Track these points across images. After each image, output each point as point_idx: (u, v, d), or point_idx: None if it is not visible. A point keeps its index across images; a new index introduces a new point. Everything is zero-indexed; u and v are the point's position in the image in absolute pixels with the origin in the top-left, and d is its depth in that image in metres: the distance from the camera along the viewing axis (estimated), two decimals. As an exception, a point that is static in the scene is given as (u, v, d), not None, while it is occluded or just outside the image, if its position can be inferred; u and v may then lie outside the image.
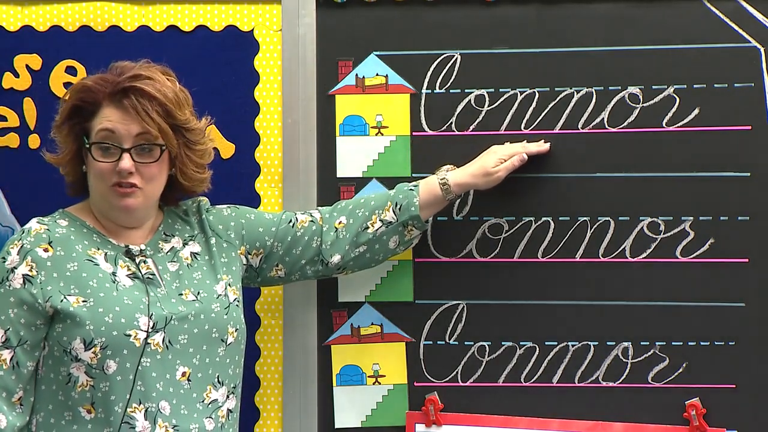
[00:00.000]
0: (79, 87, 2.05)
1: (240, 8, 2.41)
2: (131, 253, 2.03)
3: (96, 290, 1.95)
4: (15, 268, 1.94)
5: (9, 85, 2.42)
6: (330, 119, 2.39)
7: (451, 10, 2.37)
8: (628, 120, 2.33)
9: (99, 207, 2.05)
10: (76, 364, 1.93)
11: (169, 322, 1.98)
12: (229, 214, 2.21)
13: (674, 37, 2.32)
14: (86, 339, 1.92)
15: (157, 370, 1.96)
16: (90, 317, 1.92)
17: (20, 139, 2.42)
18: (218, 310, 2.05)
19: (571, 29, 2.35)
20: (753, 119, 2.30)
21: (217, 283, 2.09)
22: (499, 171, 2.24)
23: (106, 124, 2.00)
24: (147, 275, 2.01)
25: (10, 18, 2.43)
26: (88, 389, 1.93)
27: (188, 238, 2.12)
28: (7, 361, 1.92)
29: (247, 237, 2.19)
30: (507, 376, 2.35)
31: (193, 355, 2.01)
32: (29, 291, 1.93)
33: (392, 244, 2.24)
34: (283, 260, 2.21)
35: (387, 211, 2.22)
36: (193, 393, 2.00)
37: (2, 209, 2.44)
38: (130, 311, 1.95)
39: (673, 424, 2.30)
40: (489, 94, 2.37)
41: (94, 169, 2.01)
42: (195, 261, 2.10)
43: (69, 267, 1.96)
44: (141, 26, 2.42)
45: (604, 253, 2.32)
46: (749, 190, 2.30)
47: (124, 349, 1.93)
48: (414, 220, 2.22)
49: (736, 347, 2.29)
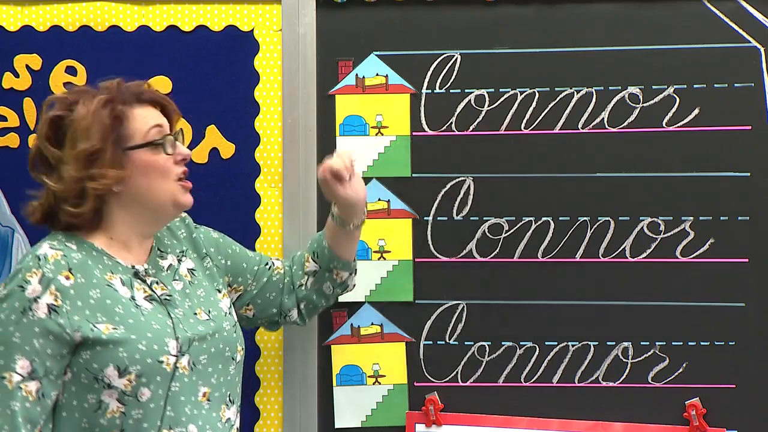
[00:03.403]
0: (100, 102, 1.94)
1: (240, 8, 2.41)
2: (140, 275, 1.97)
3: (124, 317, 1.89)
4: (38, 297, 1.85)
5: (9, 85, 2.42)
6: (330, 119, 2.40)
7: (451, 10, 2.37)
8: (628, 120, 2.33)
9: (155, 212, 1.98)
10: (108, 391, 1.86)
11: (192, 343, 1.94)
12: (218, 239, 2.18)
13: (674, 37, 2.32)
14: (120, 366, 1.85)
15: (185, 394, 1.92)
16: (123, 344, 1.86)
17: (20, 139, 2.42)
18: (229, 328, 2.03)
19: (571, 29, 2.35)
20: (753, 119, 2.30)
21: (220, 301, 2.07)
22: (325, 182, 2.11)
23: (152, 121, 1.97)
24: (164, 296, 1.97)
25: (10, 18, 2.43)
26: (118, 416, 1.87)
27: (180, 254, 2.08)
28: (33, 393, 1.84)
29: (231, 269, 2.17)
30: (507, 376, 2.35)
31: (211, 375, 1.97)
32: (56, 321, 1.85)
33: (327, 290, 2.23)
34: (255, 302, 2.20)
35: (308, 262, 2.22)
36: (213, 413, 1.96)
37: (2, 209, 2.44)
38: (160, 336, 1.90)
39: (673, 424, 2.30)
40: (489, 94, 2.37)
41: (161, 168, 1.96)
42: (194, 277, 2.07)
43: (92, 294, 1.89)
44: (141, 26, 2.42)
45: (604, 253, 2.32)
46: (749, 190, 2.30)
47: (157, 375, 1.88)
48: (333, 261, 2.19)
49: (736, 347, 2.29)
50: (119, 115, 1.94)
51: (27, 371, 1.84)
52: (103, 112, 1.92)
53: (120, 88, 1.98)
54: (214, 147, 2.40)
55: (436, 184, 2.37)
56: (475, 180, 2.36)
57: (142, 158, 1.95)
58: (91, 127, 1.91)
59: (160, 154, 1.96)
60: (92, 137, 1.91)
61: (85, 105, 1.93)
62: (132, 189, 1.95)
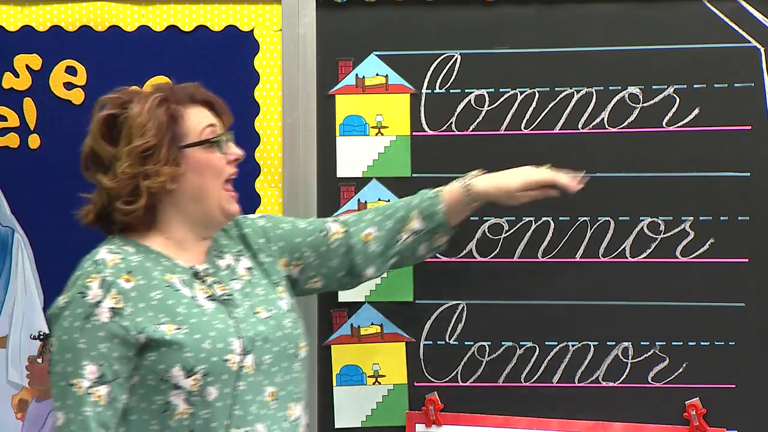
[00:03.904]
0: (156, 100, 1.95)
1: (240, 8, 2.41)
2: (199, 275, 1.97)
3: (187, 316, 1.89)
4: (100, 302, 1.86)
5: (9, 85, 2.42)
6: (330, 119, 2.40)
7: (451, 10, 2.37)
8: (628, 120, 2.33)
9: (204, 215, 1.99)
10: (175, 392, 1.86)
11: (255, 342, 1.93)
12: (265, 225, 2.15)
13: (674, 37, 2.32)
14: (186, 366, 1.85)
15: (251, 393, 1.91)
16: (188, 344, 1.86)
17: (20, 139, 2.42)
18: (290, 326, 2.01)
19: (571, 29, 2.35)
20: (753, 119, 2.30)
21: (279, 299, 2.05)
22: (522, 198, 2.17)
23: (206, 120, 1.99)
24: (224, 296, 1.96)
25: (10, 18, 2.43)
26: (186, 417, 1.86)
27: (237, 254, 2.07)
28: (103, 397, 1.84)
29: (286, 248, 2.14)
30: (507, 376, 2.35)
31: (276, 374, 1.96)
32: (119, 324, 1.85)
33: (422, 251, 2.20)
34: (320, 271, 2.16)
35: (414, 220, 2.17)
36: (279, 412, 1.95)
37: (2, 209, 2.45)
38: (224, 335, 1.89)
39: (673, 424, 2.30)
40: (489, 94, 2.37)
41: (214, 167, 1.97)
42: (252, 276, 2.05)
43: (153, 295, 1.89)
44: (141, 26, 2.42)
45: (604, 253, 2.32)
46: (749, 190, 2.30)
47: (223, 374, 1.87)
48: (441, 227, 2.18)
49: (736, 347, 2.29)
50: (174, 114, 1.96)
51: (96, 376, 1.84)
52: (159, 110, 1.94)
53: (173, 88, 2.00)
54: (214, 147, 2.40)
55: (436, 184, 2.35)
56: (475, 180, 2.36)
57: (196, 156, 1.96)
58: (147, 123, 1.93)
59: (214, 153, 1.98)
60: (147, 134, 1.92)
61: (139, 103, 1.95)
62: (185, 188, 1.96)
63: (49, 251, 2.44)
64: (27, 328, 2.47)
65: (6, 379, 2.47)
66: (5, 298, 2.47)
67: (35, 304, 2.46)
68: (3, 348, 2.47)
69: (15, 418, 2.47)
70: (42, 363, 2.47)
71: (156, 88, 2.00)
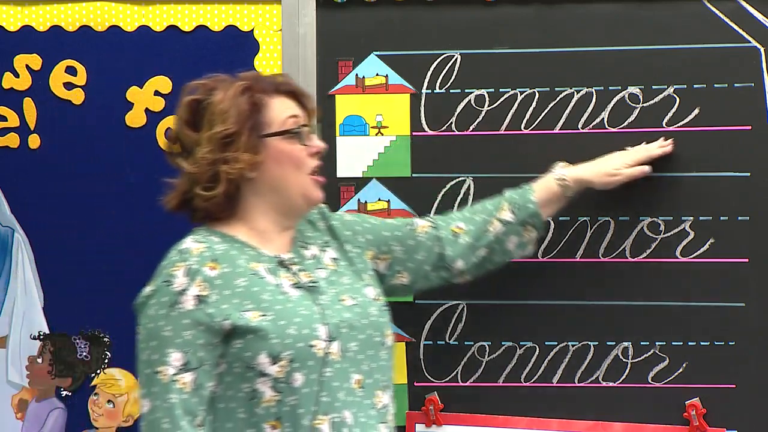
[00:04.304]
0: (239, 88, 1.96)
1: (240, 8, 2.41)
2: (285, 263, 1.97)
3: (272, 303, 1.90)
4: (185, 289, 1.87)
5: (9, 85, 2.42)
6: (330, 119, 2.39)
7: (451, 10, 2.37)
8: (628, 120, 2.33)
9: (288, 204, 1.99)
10: (261, 379, 1.86)
11: (341, 329, 1.92)
12: (354, 219, 2.16)
13: (674, 37, 2.32)
14: (272, 353, 1.86)
15: (338, 380, 1.90)
16: (274, 330, 1.86)
17: (20, 139, 2.42)
18: (376, 313, 2.00)
19: (571, 29, 2.35)
20: (753, 119, 2.30)
21: (365, 287, 2.05)
22: (621, 175, 2.22)
23: (289, 111, 1.99)
24: (309, 283, 1.97)
25: (10, 18, 2.43)
26: (273, 404, 1.86)
27: (323, 245, 2.07)
28: (188, 384, 1.85)
29: (374, 241, 2.14)
30: (507, 376, 2.35)
31: (362, 361, 1.95)
32: (204, 311, 1.86)
33: (511, 245, 2.19)
34: (406, 266, 2.16)
35: (504, 211, 2.18)
36: (366, 400, 1.94)
37: (2, 209, 2.45)
38: (309, 321, 1.89)
39: (673, 424, 2.30)
40: (489, 94, 2.37)
41: (295, 159, 1.97)
42: (338, 266, 2.05)
43: (238, 283, 1.90)
44: (141, 26, 2.42)
45: (604, 253, 2.32)
46: (749, 190, 2.30)
47: (309, 360, 1.87)
48: (533, 217, 2.17)
49: (736, 347, 2.29)
50: (257, 102, 1.96)
51: (181, 363, 1.86)
52: (242, 98, 1.95)
53: (259, 77, 2.02)
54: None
55: (436, 184, 2.37)
56: (475, 180, 2.36)
57: (277, 146, 1.97)
58: (229, 110, 1.94)
59: (295, 145, 1.98)
60: (228, 120, 1.94)
61: (223, 90, 1.97)
62: (266, 177, 1.97)
63: (49, 251, 2.45)
64: (27, 328, 2.47)
65: (6, 379, 2.48)
66: (5, 298, 2.47)
67: (35, 304, 2.46)
68: (3, 348, 2.47)
69: (15, 418, 2.47)
70: (42, 363, 2.47)
71: (241, 77, 2.00)
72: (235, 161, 1.93)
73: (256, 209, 1.99)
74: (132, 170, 2.42)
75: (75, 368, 2.46)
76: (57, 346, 2.46)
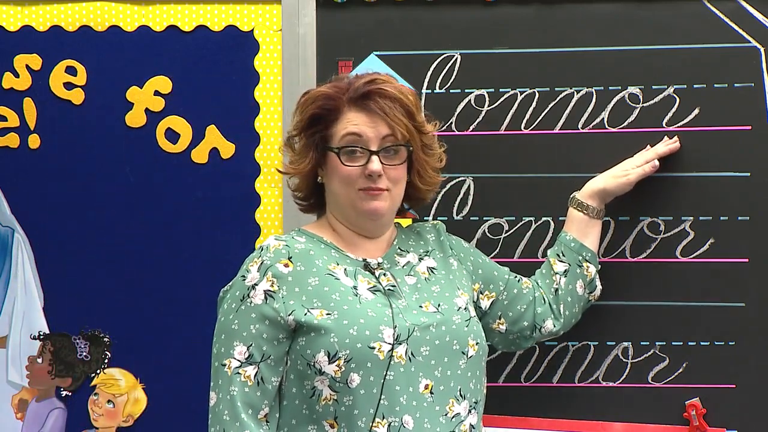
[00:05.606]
0: (315, 95, 2.01)
1: (240, 8, 2.41)
2: (369, 267, 1.99)
3: (339, 303, 1.91)
4: (256, 284, 1.92)
5: (9, 85, 2.42)
6: (330, 119, 2.39)
7: (451, 10, 2.37)
8: (628, 120, 2.33)
9: (344, 214, 2.02)
10: (320, 377, 1.88)
11: (412, 333, 1.92)
12: (468, 248, 2.19)
13: (674, 37, 2.32)
14: (330, 351, 1.87)
15: (401, 384, 1.90)
16: (334, 329, 1.88)
17: (20, 139, 2.42)
18: (459, 322, 1.99)
19: (571, 29, 2.35)
20: (753, 119, 2.30)
21: (456, 297, 2.04)
22: (631, 174, 2.23)
23: (351, 128, 1.98)
24: (388, 287, 1.98)
25: (10, 18, 2.43)
26: (331, 403, 1.89)
27: (423, 254, 2.08)
28: (251, 377, 1.89)
29: (483, 276, 2.15)
30: (507, 376, 2.35)
31: (435, 367, 1.94)
32: (271, 306, 1.90)
33: (580, 290, 2.22)
34: (506, 314, 2.17)
35: (555, 264, 2.23)
36: (436, 406, 1.93)
37: (2, 209, 2.44)
38: (375, 323, 1.90)
39: (673, 424, 2.30)
40: (489, 94, 2.37)
41: (340, 175, 1.98)
42: (432, 275, 2.05)
43: (310, 281, 1.93)
44: (141, 26, 2.42)
45: (604, 253, 2.32)
46: (749, 190, 2.30)
47: (368, 362, 1.88)
48: (581, 252, 2.21)
49: (736, 347, 2.29)
50: (323, 114, 2.00)
51: (244, 356, 1.90)
52: (315, 103, 2.00)
53: (351, 87, 2.00)
54: (214, 147, 2.40)
55: (436, 184, 2.37)
56: (475, 180, 2.36)
57: (330, 160, 2.01)
58: (297, 114, 2.05)
59: (345, 162, 1.98)
60: (293, 124, 2.05)
61: (311, 93, 2.04)
62: (329, 186, 2.04)
63: (49, 251, 2.44)
64: (27, 328, 2.47)
65: (6, 379, 2.47)
66: (5, 298, 2.47)
67: (35, 304, 2.46)
68: (3, 348, 2.47)
69: (15, 418, 2.47)
70: (42, 363, 2.47)
71: (338, 86, 2.02)
72: (290, 163, 2.05)
73: (331, 214, 2.05)
74: (132, 170, 2.42)
75: (75, 368, 2.46)
76: (57, 346, 2.46)
